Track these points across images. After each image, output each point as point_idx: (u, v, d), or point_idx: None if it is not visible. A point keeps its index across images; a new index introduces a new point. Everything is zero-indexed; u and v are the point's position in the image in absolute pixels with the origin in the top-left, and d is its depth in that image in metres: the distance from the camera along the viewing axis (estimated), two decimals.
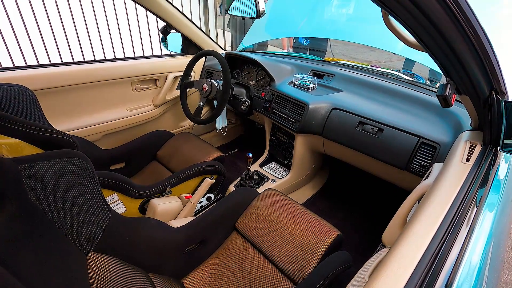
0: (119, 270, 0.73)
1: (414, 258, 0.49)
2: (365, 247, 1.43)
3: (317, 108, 1.37)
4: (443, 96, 0.66)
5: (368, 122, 1.21)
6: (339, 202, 1.73)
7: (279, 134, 1.67)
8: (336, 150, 1.42)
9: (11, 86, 1.07)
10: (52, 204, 0.61)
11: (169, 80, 1.76)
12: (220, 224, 1.06)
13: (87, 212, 0.69)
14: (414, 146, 1.08)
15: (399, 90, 1.32)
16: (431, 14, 0.52)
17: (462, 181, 0.66)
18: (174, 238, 0.91)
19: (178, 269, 0.94)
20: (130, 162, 1.53)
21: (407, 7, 0.51)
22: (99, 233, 0.71)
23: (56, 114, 1.40)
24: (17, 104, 1.07)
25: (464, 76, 0.67)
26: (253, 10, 1.03)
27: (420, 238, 0.53)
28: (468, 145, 0.83)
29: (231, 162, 2.09)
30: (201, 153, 1.52)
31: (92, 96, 1.52)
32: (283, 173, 1.65)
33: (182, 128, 2.02)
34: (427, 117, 1.16)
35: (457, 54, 0.61)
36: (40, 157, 0.60)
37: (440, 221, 0.56)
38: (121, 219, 0.79)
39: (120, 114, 1.63)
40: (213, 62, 1.94)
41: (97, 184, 0.73)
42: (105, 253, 0.72)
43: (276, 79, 1.60)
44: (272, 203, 1.09)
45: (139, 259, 0.82)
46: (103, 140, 1.60)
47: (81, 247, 0.66)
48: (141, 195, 1.18)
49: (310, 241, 0.96)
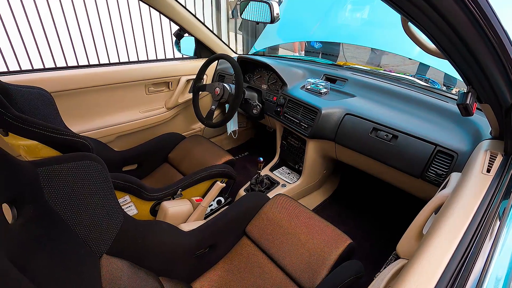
0: (131, 273, 0.73)
1: (435, 273, 0.48)
2: (377, 256, 1.40)
3: (330, 113, 1.35)
4: (464, 105, 0.63)
5: (382, 129, 1.19)
6: (350, 208, 1.70)
7: (290, 138, 1.66)
8: (348, 156, 1.40)
9: (29, 88, 1.09)
10: (67, 207, 0.62)
11: (181, 83, 1.78)
12: (230, 228, 1.05)
13: (101, 214, 0.70)
14: (430, 154, 1.05)
15: (414, 96, 1.29)
16: (452, 20, 0.50)
17: (483, 193, 0.64)
18: (185, 242, 0.91)
19: (188, 273, 0.94)
20: (142, 164, 1.55)
21: (429, 14, 0.50)
22: (112, 236, 0.72)
23: (72, 115, 1.43)
24: (35, 106, 1.10)
25: (485, 84, 0.65)
26: (267, 15, 1.03)
27: (441, 252, 0.51)
28: (489, 155, 0.80)
29: (241, 165, 2.09)
30: (212, 156, 1.53)
31: (107, 98, 1.55)
32: (294, 178, 1.63)
33: (193, 130, 2.03)
34: (443, 124, 1.13)
35: (479, 61, 0.59)
36: (57, 160, 0.62)
37: (462, 235, 0.54)
38: (133, 223, 0.79)
39: (133, 116, 1.65)
40: (225, 66, 1.94)
41: (111, 187, 0.74)
42: (117, 256, 0.73)
43: (288, 83, 1.59)
44: (282, 209, 1.08)
45: (150, 262, 0.82)
46: (116, 141, 1.63)
47: (95, 249, 0.67)
48: (152, 197, 1.19)
49: (321, 249, 0.94)
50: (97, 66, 1.54)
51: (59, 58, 2.72)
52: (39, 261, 0.49)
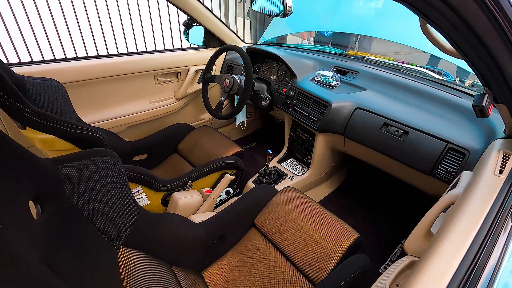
0: (146, 264, 0.76)
1: (447, 273, 0.49)
2: (382, 249, 1.42)
3: (340, 107, 1.34)
4: (480, 107, 0.63)
5: (393, 124, 1.18)
6: (357, 201, 1.71)
7: (299, 131, 1.66)
8: (357, 150, 1.39)
9: (43, 80, 1.11)
10: (86, 201, 0.64)
11: (190, 73, 1.78)
12: (239, 220, 1.08)
13: (118, 208, 0.72)
14: (441, 151, 1.05)
15: (426, 90, 1.27)
16: (472, 21, 0.49)
17: (495, 195, 0.64)
18: (196, 234, 0.94)
19: (199, 263, 0.97)
20: (152, 154, 1.58)
21: (448, 16, 0.49)
22: (128, 228, 0.74)
23: (84, 106, 1.45)
24: (49, 97, 1.12)
25: (503, 85, 0.64)
26: (280, 8, 1.00)
27: (453, 253, 0.52)
28: (502, 155, 0.80)
29: (249, 155, 2.10)
30: (221, 148, 1.54)
31: (117, 89, 1.56)
32: (302, 170, 1.65)
33: (202, 121, 2.05)
34: (456, 121, 1.12)
35: (498, 62, 0.58)
36: (75, 157, 0.63)
37: (474, 236, 0.55)
38: (147, 216, 0.82)
39: (143, 107, 1.67)
40: (234, 56, 1.93)
41: (126, 180, 0.76)
42: (133, 247, 0.76)
43: (298, 75, 1.57)
44: (290, 202, 1.10)
45: (163, 253, 0.85)
46: (127, 131, 1.65)
47: (112, 241, 0.70)
48: (163, 188, 1.22)
49: (329, 242, 0.96)
50: (107, 57, 1.54)
51: (68, 49, 2.72)
52: (63, 254, 0.51)
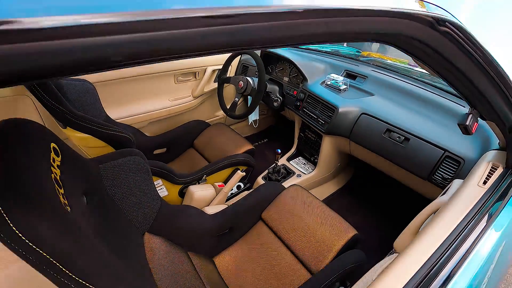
0: (166, 248, 0.89)
1: (416, 266, 0.58)
2: (383, 248, 1.50)
3: (347, 111, 1.42)
4: (464, 125, 0.70)
5: (396, 130, 1.25)
6: (360, 201, 1.79)
7: (308, 132, 1.75)
8: (361, 152, 1.47)
9: (76, 81, 1.24)
10: (119, 194, 0.77)
11: (207, 73, 1.88)
12: (248, 214, 1.19)
13: (144, 199, 0.85)
14: (438, 159, 1.11)
15: (431, 98, 1.32)
16: (453, 59, 0.57)
17: (473, 205, 0.72)
18: (208, 224, 1.06)
19: (210, 249, 1.10)
20: (170, 148, 1.71)
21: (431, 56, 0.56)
22: (152, 217, 0.87)
23: (110, 103, 1.59)
24: (82, 97, 1.26)
25: (488, 107, 0.71)
26: None
27: (425, 249, 0.62)
28: (490, 166, 0.86)
29: (260, 152, 2.21)
30: (234, 145, 1.66)
31: (140, 88, 1.69)
32: (309, 169, 1.74)
33: (217, 118, 2.16)
34: (456, 129, 1.16)
35: (481, 91, 0.65)
36: (111, 157, 0.76)
37: (449, 234, 0.64)
38: (168, 207, 0.95)
39: (163, 104, 1.79)
40: (249, 57, 2.01)
41: (150, 176, 0.89)
42: (156, 234, 0.89)
43: (309, 79, 1.65)
44: (296, 199, 1.20)
45: (180, 240, 0.98)
46: (148, 127, 1.79)
47: (140, 228, 0.83)
48: (181, 181, 1.35)
49: (329, 238, 1.06)
50: None
51: None
52: (105, 236, 0.64)
